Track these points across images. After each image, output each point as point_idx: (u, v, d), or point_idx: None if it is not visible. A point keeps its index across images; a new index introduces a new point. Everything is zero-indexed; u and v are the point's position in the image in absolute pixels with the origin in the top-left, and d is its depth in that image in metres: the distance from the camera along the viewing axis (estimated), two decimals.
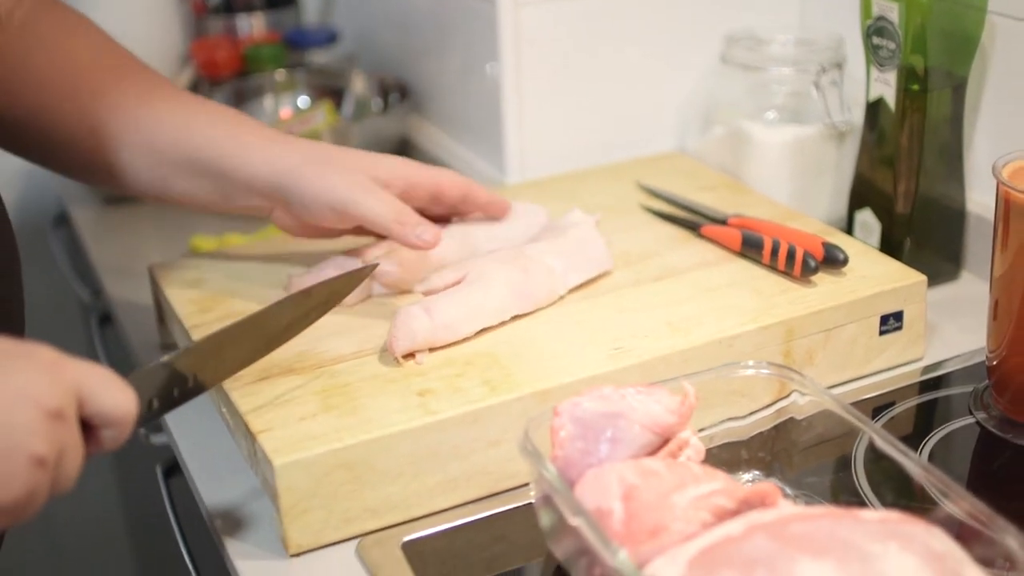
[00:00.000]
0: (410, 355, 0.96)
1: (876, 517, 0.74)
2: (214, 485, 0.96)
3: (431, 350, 0.96)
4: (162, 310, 1.14)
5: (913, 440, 0.97)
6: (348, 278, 0.97)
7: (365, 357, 0.97)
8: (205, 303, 1.07)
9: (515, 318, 1.00)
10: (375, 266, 1.02)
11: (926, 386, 1.05)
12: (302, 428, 0.88)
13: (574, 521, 0.75)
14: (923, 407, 1.03)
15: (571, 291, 1.05)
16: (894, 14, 1.11)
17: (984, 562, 0.72)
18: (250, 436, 0.89)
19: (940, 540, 0.72)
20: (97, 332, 1.44)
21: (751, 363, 0.88)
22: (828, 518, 0.73)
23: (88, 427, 0.70)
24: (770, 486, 0.78)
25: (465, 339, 0.98)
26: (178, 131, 1.03)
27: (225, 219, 1.45)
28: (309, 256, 1.13)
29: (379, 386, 0.93)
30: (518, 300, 1.00)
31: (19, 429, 0.64)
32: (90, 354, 1.41)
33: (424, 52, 1.51)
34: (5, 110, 1.01)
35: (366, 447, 0.87)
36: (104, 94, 1.02)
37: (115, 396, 0.70)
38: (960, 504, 0.76)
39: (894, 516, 0.75)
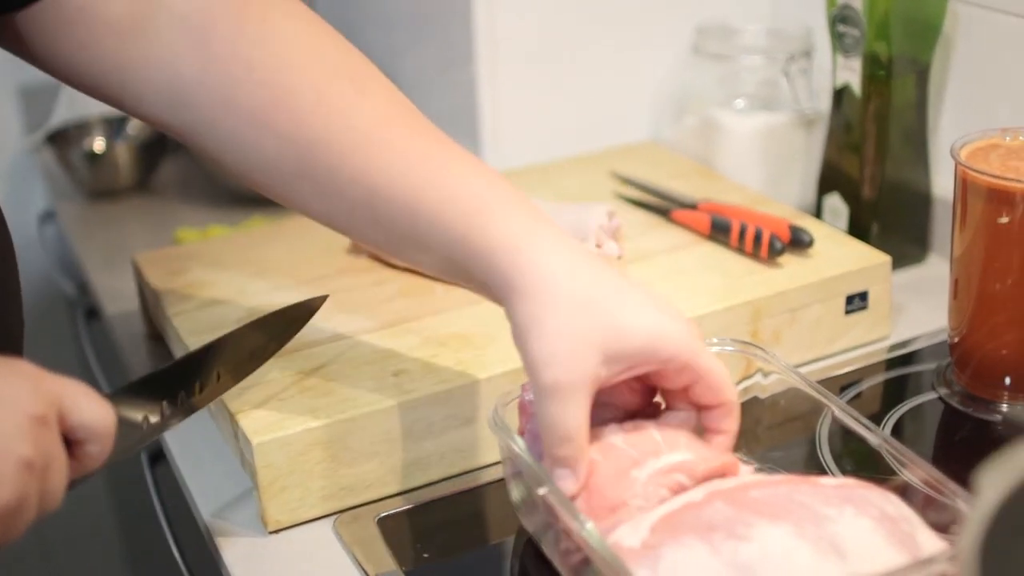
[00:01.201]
0: None
1: (834, 483, 0.76)
2: (196, 468, 0.98)
3: None
4: (146, 300, 1.16)
5: (878, 416, 0.99)
6: (305, 306, 0.94)
7: (341, 340, 0.99)
8: (187, 291, 1.09)
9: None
10: (326, 297, 0.96)
11: (892, 364, 1.07)
12: (280, 407, 0.90)
13: (541, 491, 0.77)
14: (889, 384, 1.05)
15: None
16: (858, 2, 1.13)
17: (940, 527, 0.75)
18: (229, 416, 0.92)
19: (895, 505, 0.74)
20: (84, 327, 1.46)
21: (715, 340, 0.90)
22: (787, 484, 0.75)
23: (69, 445, 0.69)
24: (731, 460, 0.81)
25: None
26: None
27: (208, 211, 1.47)
28: (289, 247, 1.16)
29: (355, 367, 0.95)
30: None
31: (6, 433, 0.63)
32: (78, 349, 1.44)
33: (404, 47, 1.53)
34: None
35: (341, 426, 0.89)
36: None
37: (94, 408, 0.68)
38: (916, 472, 0.78)
39: (851, 482, 0.77)
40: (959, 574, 0.49)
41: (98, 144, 1.55)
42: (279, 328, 0.92)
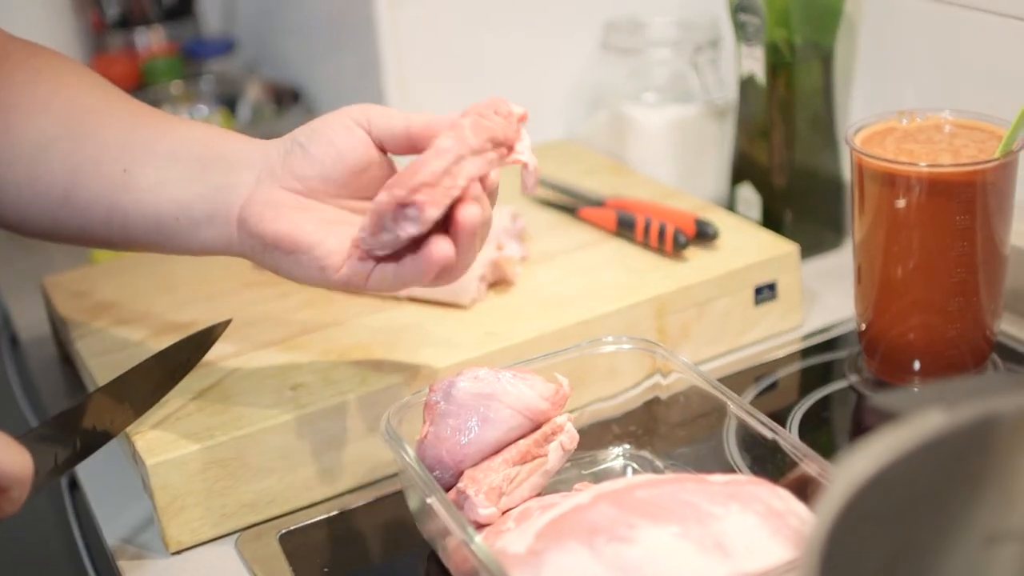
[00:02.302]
0: None
1: (721, 480, 0.75)
2: (104, 491, 0.97)
3: None
4: (55, 324, 1.15)
5: (791, 406, 0.99)
6: (207, 333, 0.95)
7: (244, 355, 0.98)
8: (93, 312, 1.08)
9: (393, 306, 1.01)
10: (228, 321, 0.97)
11: (807, 353, 1.06)
12: (176, 427, 0.89)
13: (429, 501, 0.77)
14: (803, 373, 1.04)
15: None
16: None
17: None
18: (127, 438, 0.90)
19: (783, 500, 0.73)
20: (8, 354, 1.44)
21: (610, 338, 0.90)
22: (673, 483, 0.75)
23: None
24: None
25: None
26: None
27: None
28: (196, 262, 1.14)
29: (255, 383, 0.94)
30: None
31: None
32: (2, 376, 1.42)
33: (318, 56, 1.53)
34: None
35: (237, 443, 0.88)
36: None
37: (11, 457, 0.69)
38: (811, 466, 0.77)
39: (740, 478, 0.76)
40: (803, 565, 0.48)
41: None
42: (183, 356, 0.92)
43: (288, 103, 1.57)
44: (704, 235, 1.06)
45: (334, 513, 0.91)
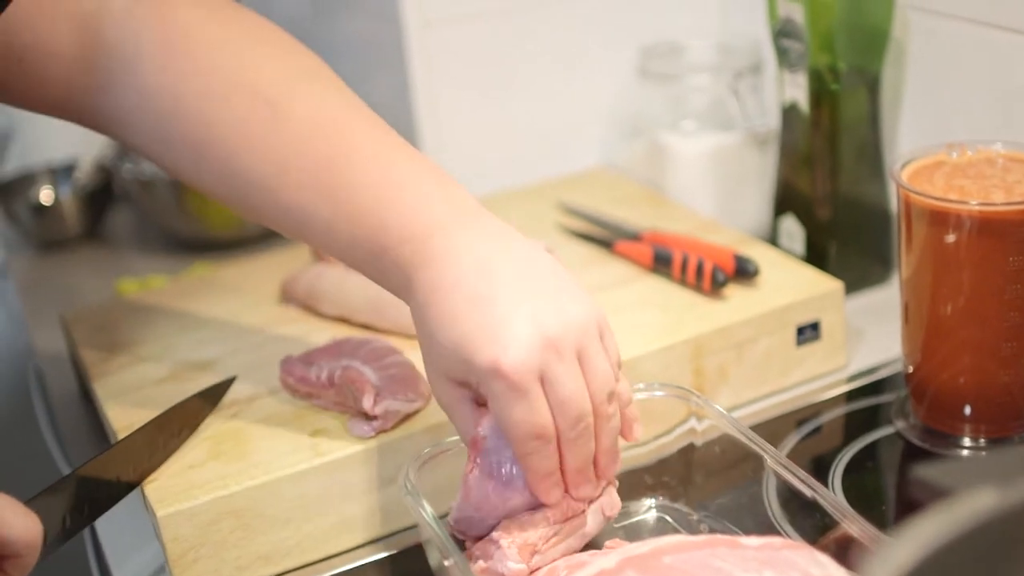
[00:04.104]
0: None
1: (756, 544, 0.71)
2: (118, 538, 0.94)
3: None
4: (75, 359, 1.12)
5: (835, 452, 0.94)
6: (214, 392, 0.94)
7: (262, 399, 0.94)
8: (113, 350, 1.05)
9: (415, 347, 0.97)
10: (232, 380, 0.96)
11: (851, 396, 1.01)
12: (189, 476, 0.86)
13: (448, 563, 0.73)
14: (847, 418, 0.99)
15: None
16: (800, 15, 1.08)
17: None
18: (139, 487, 0.87)
19: (822, 567, 0.69)
20: (35, 385, 1.41)
21: (642, 385, 0.85)
22: (704, 548, 0.70)
23: None
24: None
25: None
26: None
27: (156, 258, 1.43)
28: (220, 298, 1.11)
29: (271, 429, 0.90)
30: None
31: None
32: (28, 409, 1.39)
33: (348, 79, 1.49)
34: None
35: (252, 493, 0.84)
36: None
37: (21, 523, 0.68)
38: (852, 527, 0.73)
39: (776, 542, 0.72)
40: None
41: (44, 195, 1.50)
42: (189, 417, 0.91)
43: None
44: (744, 272, 1.02)
45: (353, 566, 0.87)
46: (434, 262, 0.76)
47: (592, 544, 0.82)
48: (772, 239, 1.18)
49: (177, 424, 0.90)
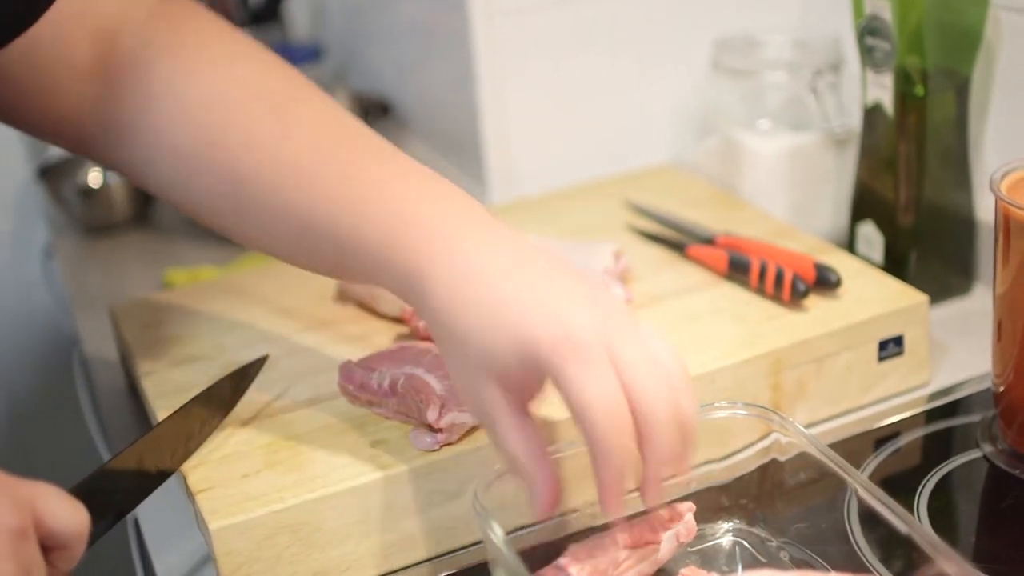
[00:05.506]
0: None
1: None
2: (165, 545, 0.90)
3: None
4: (123, 354, 1.08)
5: (917, 476, 0.89)
6: (246, 372, 0.91)
7: (320, 403, 0.91)
8: (161, 346, 1.02)
9: None
10: (266, 358, 0.93)
11: (933, 415, 0.97)
12: (244, 487, 0.82)
13: None
14: (929, 438, 0.95)
15: None
16: (887, 12, 1.03)
17: None
18: (190, 495, 0.83)
19: None
20: (80, 372, 1.38)
21: (724, 403, 0.81)
22: None
23: (44, 549, 0.67)
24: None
25: None
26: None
27: (205, 246, 1.40)
28: (273, 294, 1.08)
29: (330, 438, 0.87)
30: None
31: None
32: (72, 395, 1.36)
33: (408, 67, 1.45)
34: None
35: (310, 507, 0.81)
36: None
37: (68, 513, 0.67)
38: (948, 565, 0.68)
39: None
40: None
41: (93, 178, 1.47)
42: (224, 399, 0.89)
43: (377, 115, 1.50)
44: (825, 282, 0.97)
45: None
46: (461, 252, 0.73)
47: (665, 571, 0.78)
48: (848, 246, 1.14)
49: (212, 407, 0.87)
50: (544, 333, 0.68)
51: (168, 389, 0.95)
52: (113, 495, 0.77)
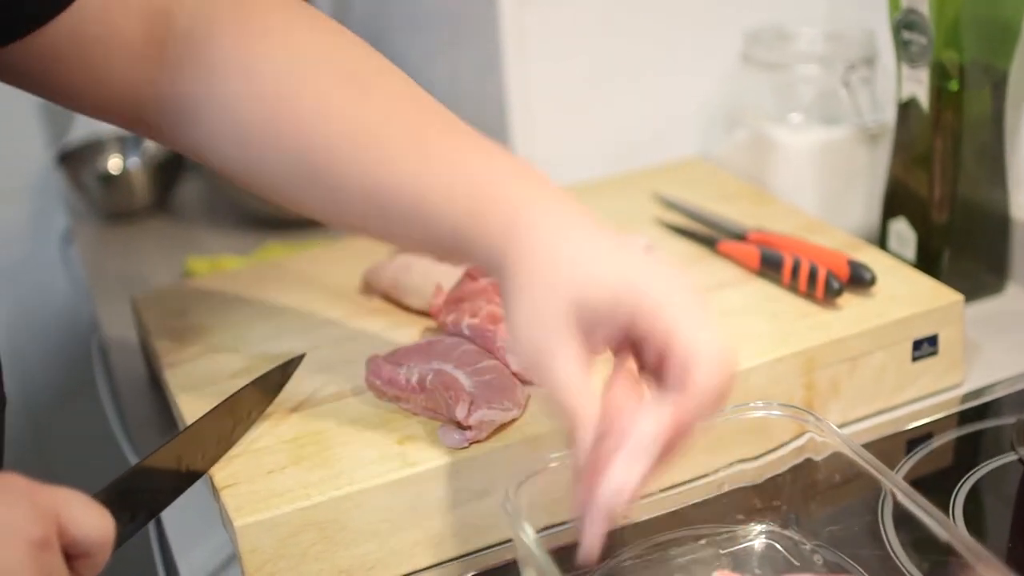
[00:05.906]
0: None
1: None
2: (188, 544, 0.90)
3: None
4: (145, 344, 1.07)
5: (951, 479, 0.88)
6: (281, 373, 0.90)
7: (345, 399, 0.89)
8: (185, 337, 1.00)
9: None
10: (302, 356, 0.92)
11: (966, 416, 0.95)
12: (269, 483, 0.81)
13: None
14: (963, 440, 0.94)
15: None
16: (924, 5, 1.01)
17: None
18: (214, 491, 0.82)
19: None
20: (98, 359, 1.37)
21: (760, 403, 0.80)
22: None
23: (68, 557, 0.65)
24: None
25: None
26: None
27: (225, 235, 1.39)
28: (298, 285, 1.06)
29: (357, 433, 0.85)
30: None
31: (9, 569, 0.60)
32: (90, 382, 1.35)
33: (434, 55, 1.44)
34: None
35: (336, 504, 0.79)
36: None
37: (92, 520, 0.65)
38: (988, 572, 0.67)
39: None
40: None
41: (113, 164, 1.46)
42: (257, 400, 0.87)
43: None
44: (859, 280, 0.95)
45: None
46: (560, 210, 0.73)
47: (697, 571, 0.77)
48: (880, 242, 1.12)
49: (245, 408, 0.86)
50: (654, 280, 0.69)
51: (192, 381, 0.94)
52: (146, 494, 0.76)
